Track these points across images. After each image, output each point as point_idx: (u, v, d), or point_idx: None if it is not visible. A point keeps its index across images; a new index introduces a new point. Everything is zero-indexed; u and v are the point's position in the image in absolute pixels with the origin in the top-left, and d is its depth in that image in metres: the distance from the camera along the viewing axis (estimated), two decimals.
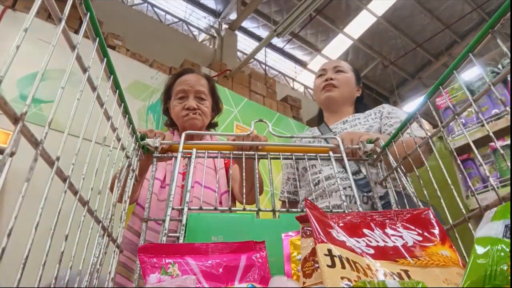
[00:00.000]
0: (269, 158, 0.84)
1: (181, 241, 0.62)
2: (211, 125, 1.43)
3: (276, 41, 7.17)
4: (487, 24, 0.49)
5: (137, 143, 0.78)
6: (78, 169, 0.41)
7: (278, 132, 1.57)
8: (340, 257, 0.38)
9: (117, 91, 0.61)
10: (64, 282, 0.39)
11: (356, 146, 0.86)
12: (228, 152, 0.84)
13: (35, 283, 0.33)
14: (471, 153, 1.85)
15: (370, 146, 0.84)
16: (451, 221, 0.56)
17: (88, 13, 0.46)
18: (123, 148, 0.67)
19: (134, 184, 0.74)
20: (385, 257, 0.42)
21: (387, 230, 0.46)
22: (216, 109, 1.40)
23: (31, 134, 0.32)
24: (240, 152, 0.83)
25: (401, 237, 0.45)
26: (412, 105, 7.29)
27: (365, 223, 0.47)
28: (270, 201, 0.74)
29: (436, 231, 0.46)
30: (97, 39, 0.50)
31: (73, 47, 0.41)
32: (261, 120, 0.88)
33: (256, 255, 0.51)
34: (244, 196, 0.76)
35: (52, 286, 0.35)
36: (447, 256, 0.42)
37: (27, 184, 0.30)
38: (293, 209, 0.75)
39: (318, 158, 0.84)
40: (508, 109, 0.46)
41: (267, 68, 7.85)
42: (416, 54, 7.51)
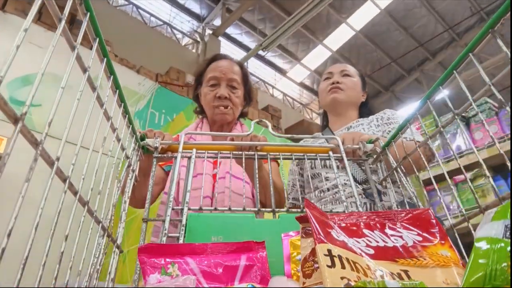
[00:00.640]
0: (269, 158, 0.84)
1: (181, 241, 0.62)
2: (242, 115, 1.35)
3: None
4: (487, 24, 0.49)
5: (137, 144, 0.78)
6: (78, 170, 0.42)
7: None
8: (340, 257, 0.38)
9: (117, 91, 0.61)
10: (64, 282, 0.39)
11: (356, 146, 0.86)
12: (228, 152, 0.84)
13: (35, 283, 0.33)
14: (439, 184, 2.26)
15: (370, 146, 0.84)
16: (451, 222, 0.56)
17: (88, 13, 0.46)
18: (123, 149, 0.67)
19: (134, 184, 0.74)
20: (385, 257, 0.42)
21: (387, 230, 0.46)
22: (248, 98, 1.33)
23: (31, 135, 0.32)
24: (240, 152, 0.83)
25: (401, 237, 0.45)
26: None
27: (365, 223, 0.47)
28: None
29: (436, 231, 0.46)
30: (97, 39, 0.50)
31: (73, 47, 0.42)
32: (261, 120, 0.88)
33: (256, 255, 0.51)
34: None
35: (52, 286, 0.35)
36: (447, 256, 0.42)
37: (27, 184, 0.30)
38: (293, 209, 0.75)
39: (318, 158, 0.84)
40: (508, 109, 0.46)
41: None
42: (390, 69, 8.00)
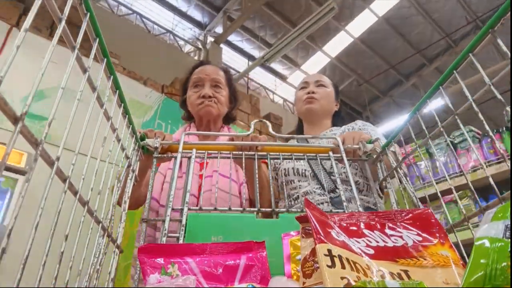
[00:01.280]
0: (269, 158, 0.84)
1: (181, 241, 0.62)
2: (229, 118, 1.34)
3: (259, 55, 7.44)
4: (487, 24, 0.49)
5: (137, 144, 0.78)
6: (78, 170, 0.42)
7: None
8: (340, 257, 0.38)
9: (117, 92, 0.61)
10: (64, 282, 0.39)
11: (356, 146, 0.86)
12: (228, 152, 0.84)
13: (35, 283, 0.33)
14: (428, 203, 2.38)
15: (370, 146, 0.84)
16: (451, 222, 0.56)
17: (88, 13, 0.46)
18: (123, 149, 0.67)
19: (134, 185, 0.74)
20: (385, 257, 0.42)
21: (387, 230, 0.46)
22: (234, 101, 1.33)
23: (31, 135, 0.32)
24: (240, 152, 0.83)
25: (401, 237, 0.45)
26: (387, 122, 7.83)
27: (365, 223, 0.47)
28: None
29: (436, 231, 0.46)
30: (97, 39, 0.50)
31: (73, 47, 0.41)
32: (261, 120, 0.88)
33: (256, 255, 0.51)
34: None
35: (52, 286, 0.35)
36: (447, 256, 0.42)
37: (27, 184, 0.30)
38: (293, 209, 0.75)
39: (318, 158, 0.84)
40: (509, 108, 0.46)
41: (249, 80, 8.12)
42: (388, 74, 8.11)
